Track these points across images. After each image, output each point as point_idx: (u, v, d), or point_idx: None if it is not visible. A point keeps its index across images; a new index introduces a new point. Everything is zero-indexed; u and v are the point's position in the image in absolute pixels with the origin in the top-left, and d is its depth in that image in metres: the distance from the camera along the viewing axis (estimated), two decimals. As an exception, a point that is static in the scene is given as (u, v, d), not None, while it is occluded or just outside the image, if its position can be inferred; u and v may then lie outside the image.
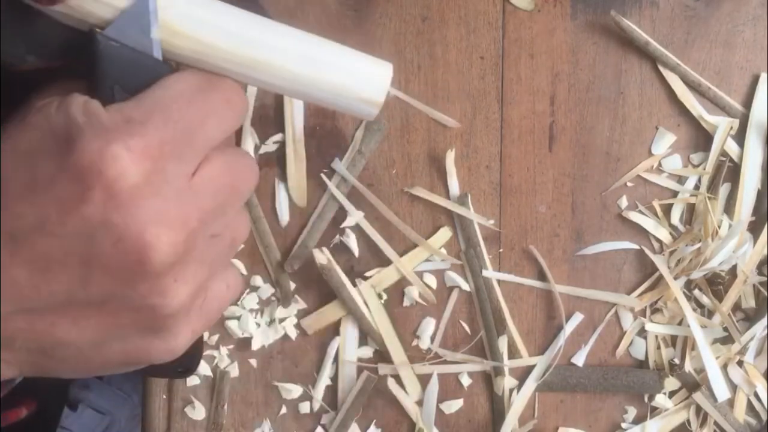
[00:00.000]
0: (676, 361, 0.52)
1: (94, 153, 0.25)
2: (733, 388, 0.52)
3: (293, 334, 0.51)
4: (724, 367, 0.52)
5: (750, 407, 0.52)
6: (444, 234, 0.51)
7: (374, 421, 0.52)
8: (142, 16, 0.27)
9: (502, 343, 0.51)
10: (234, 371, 0.51)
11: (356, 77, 0.31)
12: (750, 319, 0.52)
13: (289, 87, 0.31)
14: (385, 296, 0.51)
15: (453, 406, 0.52)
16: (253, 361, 0.52)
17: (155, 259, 0.26)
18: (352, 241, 0.51)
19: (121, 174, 0.25)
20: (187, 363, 0.32)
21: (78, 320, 0.27)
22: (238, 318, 0.51)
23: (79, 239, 0.26)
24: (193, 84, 0.28)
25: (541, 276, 0.52)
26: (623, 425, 0.52)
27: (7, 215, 0.26)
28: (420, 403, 0.51)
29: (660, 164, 0.52)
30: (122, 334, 0.28)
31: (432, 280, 0.52)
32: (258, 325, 0.52)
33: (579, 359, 0.52)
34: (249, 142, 0.51)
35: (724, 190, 0.52)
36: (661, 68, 0.51)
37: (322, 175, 0.51)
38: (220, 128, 0.29)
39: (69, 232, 0.26)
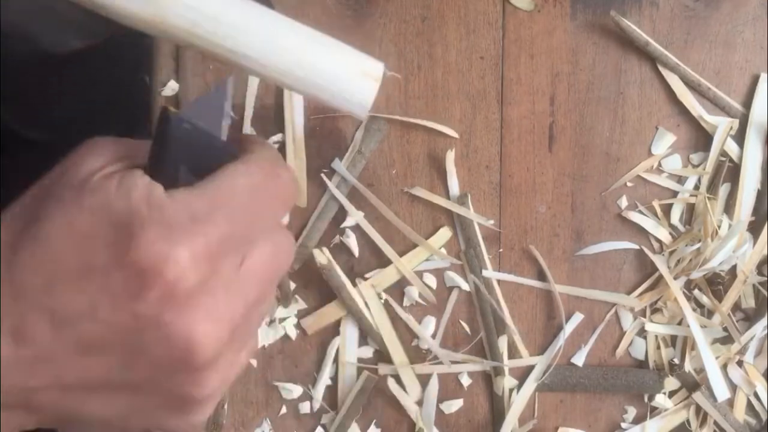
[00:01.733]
0: (676, 361, 0.52)
1: (157, 254, 0.25)
2: (733, 388, 0.52)
3: (293, 334, 0.51)
4: (724, 367, 0.52)
5: (750, 407, 0.52)
6: (444, 234, 0.51)
7: (374, 421, 0.52)
8: (219, 101, 0.27)
9: (502, 343, 0.51)
10: (234, 371, 0.51)
11: (345, 80, 0.31)
12: (750, 319, 0.52)
13: (276, 80, 0.31)
14: (385, 296, 0.51)
15: (453, 406, 0.52)
16: (253, 361, 0.52)
17: (200, 356, 0.26)
18: (352, 241, 0.51)
19: (180, 277, 0.25)
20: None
21: (110, 399, 0.28)
22: (238, 318, 0.51)
23: (127, 332, 0.26)
24: (258, 176, 0.28)
25: (541, 276, 0.52)
26: (623, 425, 0.52)
27: (57, 297, 0.25)
28: (420, 403, 0.51)
29: (660, 164, 0.52)
30: (150, 413, 0.29)
31: (432, 280, 0.52)
32: (258, 325, 0.52)
33: (579, 359, 0.52)
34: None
35: (723, 190, 0.52)
36: (660, 68, 0.51)
37: (322, 175, 0.51)
38: (272, 219, 0.29)
39: (117, 324, 0.25)
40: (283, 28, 0.30)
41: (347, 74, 0.31)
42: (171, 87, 0.50)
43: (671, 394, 0.52)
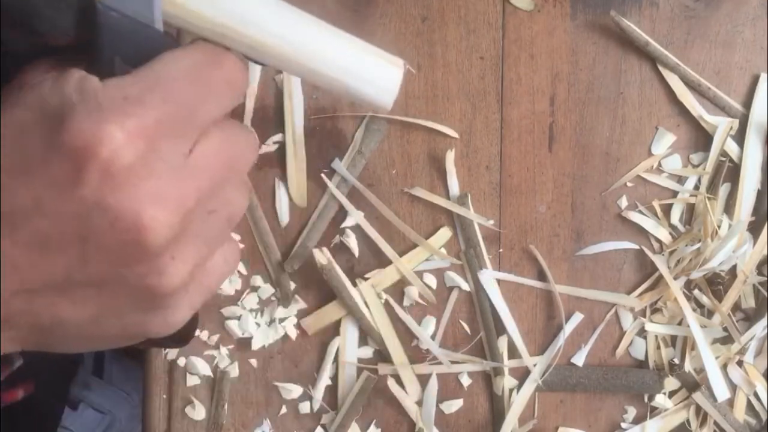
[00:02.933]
0: (676, 361, 0.52)
1: (87, 133, 0.24)
2: (733, 388, 0.52)
3: (293, 334, 0.51)
4: (724, 367, 0.52)
5: (750, 407, 0.52)
6: (444, 234, 0.51)
7: (374, 421, 0.52)
8: None
9: (502, 343, 0.51)
10: (234, 371, 0.51)
11: (365, 79, 0.31)
12: (750, 319, 0.52)
13: (296, 73, 0.31)
14: (385, 296, 0.51)
15: (453, 406, 0.52)
16: (253, 361, 0.52)
17: (152, 239, 0.26)
18: (352, 241, 0.51)
19: (115, 154, 0.25)
20: (182, 333, 0.31)
21: (77, 300, 0.27)
22: (238, 318, 0.51)
23: (76, 220, 0.25)
24: (196, 60, 0.28)
25: (541, 276, 0.52)
26: (623, 425, 0.52)
27: (4, 196, 0.25)
28: (420, 403, 0.51)
29: (660, 164, 0.52)
30: (121, 312, 0.28)
31: (432, 280, 0.52)
32: (258, 325, 0.52)
33: (579, 359, 0.52)
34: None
35: (723, 190, 0.52)
36: (660, 68, 0.51)
37: (322, 175, 0.51)
38: (220, 106, 0.28)
39: (65, 213, 0.25)
40: (306, 20, 0.30)
41: (373, 60, 0.31)
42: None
43: (671, 394, 0.52)
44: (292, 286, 0.51)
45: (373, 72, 0.31)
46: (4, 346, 0.28)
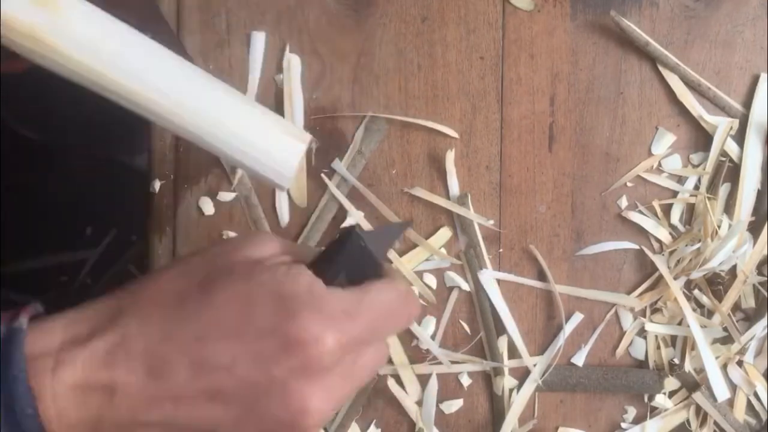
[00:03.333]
0: (676, 361, 0.52)
1: (312, 332, 0.29)
2: (733, 388, 0.52)
3: (293, 334, 0.51)
4: (724, 367, 0.52)
5: (750, 407, 0.52)
6: (444, 234, 0.51)
7: (374, 421, 0.52)
8: (394, 237, 0.33)
9: (502, 343, 0.51)
10: (234, 371, 0.51)
11: (269, 137, 0.31)
12: (750, 319, 0.52)
13: (190, 139, 0.31)
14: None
15: (453, 406, 0.52)
16: (253, 361, 0.52)
17: (307, 423, 0.30)
18: (352, 241, 0.51)
19: (319, 357, 0.29)
20: None
21: None
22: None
23: (255, 389, 0.29)
24: (398, 297, 0.33)
25: (541, 276, 0.52)
26: (623, 425, 0.52)
27: (205, 348, 0.29)
28: (420, 403, 0.51)
29: (660, 164, 0.52)
30: None
31: (432, 280, 0.52)
32: (258, 325, 0.51)
33: (579, 359, 0.52)
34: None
35: (723, 190, 0.52)
36: (660, 68, 0.51)
37: (322, 175, 0.51)
38: (393, 333, 0.36)
39: (251, 380, 0.29)
40: (207, 84, 0.30)
41: (272, 131, 0.31)
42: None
43: (671, 394, 0.52)
44: (292, 286, 0.51)
45: (270, 146, 0.31)
46: None
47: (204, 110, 0.30)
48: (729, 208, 0.52)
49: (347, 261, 0.32)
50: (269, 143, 0.31)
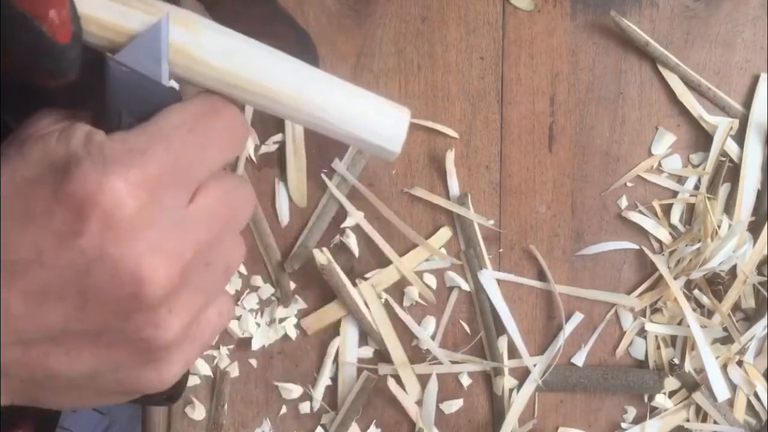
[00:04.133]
0: (676, 361, 0.52)
1: (91, 184, 0.25)
2: (733, 388, 0.52)
3: (293, 334, 0.51)
4: (724, 367, 0.52)
5: (750, 407, 0.52)
6: (444, 234, 0.51)
7: (374, 421, 0.52)
8: (154, 43, 0.28)
9: (502, 343, 0.51)
10: (234, 371, 0.51)
11: (373, 130, 0.31)
12: (750, 319, 0.52)
13: (303, 123, 0.31)
14: (385, 296, 0.51)
15: (453, 406, 0.52)
16: (253, 361, 0.52)
17: (150, 291, 0.26)
18: (352, 241, 0.51)
19: (117, 206, 0.25)
20: (173, 390, 0.32)
21: (72, 351, 0.27)
22: (238, 318, 0.51)
23: (75, 271, 0.25)
24: (196, 112, 0.28)
25: (541, 276, 0.52)
26: (623, 425, 0.52)
27: (4, 246, 0.25)
28: (420, 403, 0.51)
29: (660, 164, 0.52)
30: (115, 366, 0.28)
31: (432, 280, 0.52)
32: (258, 325, 0.52)
33: (579, 359, 0.52)
34: (249, 142, 0.51)
35: (723, 190, 0.52)
36: (660, 68, 0.51)
37: (322, 175, 0.51)
38: (220, 157, 0.29)
39: (65, 264, 0.25)
40: (310, 71, 0.30)
41: (380, 108, 0.32)
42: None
43: (671, 394, 0.52)
44: (292, 286, 0.51)
45: (381, 120, 0.31)
46: None
47: (323, 98, 0.30)
48: (729, 208, 0.52)
49: (120, 96, 0.27)
50: (381, 119, 0.32)
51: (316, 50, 0.33)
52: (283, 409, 0.52)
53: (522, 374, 0.52)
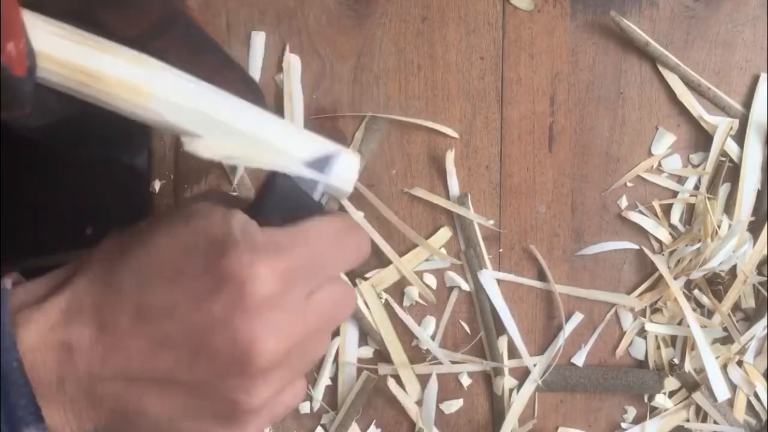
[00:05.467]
0: (676, 361, 0.52)
1: (243, 265, 0.29)
2: (733, 388, 0.52)
3: (293, 334, 0.51)
4: (724, 367, 0.52)
5: (750, 407, 0.52)
6: (444, 234, 0.51)
7: (374, 421, 0.52)
8: (323, 169, 0.32)
9: (502, 343, 0.51)
10: (234, 371, 0.51)
11: (329, 172, 0.34)
12: (750, 319, 0.52)
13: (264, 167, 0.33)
14: (385, 296, 0.51)
15: (453, 406, 0.52)
16: (253, 361, 0.52)
17: (257, 361, 0.29)
18: (352, 241, 0.51)
19: (256, 287, 0.29)
20: None
21: (168, 396, 0.30)
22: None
23: (199, 330, 0.29)
24: (336, 227, 0.32)
25: (541, 276, 0.52)
26: (623, 425, 0.52)
27: (147, 295, 0.29)
28: (420, 403, 0.51)
29: (660, 164, 0.52)
30: (199, 417, 0.31)
31: (432, 280, 0.52)
32: (258, 325, 0.51)
33: (579, 359, 0.52)
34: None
35: (723, 190, 0.52)
36: (660, 68, 0.51)
37: (322, 175, 0.51)
38: (344, 266, 0.33)
39: (192, 322, 0.29)
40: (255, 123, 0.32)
41: (331, 148, 0.34)
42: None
43: (671, 394, 0.52)
44: (292, 286, 0.51)
45: (335, 162, 0.34)
46: (82, 423, 0.30)
47: (275, 148, 0.33)
48: (729, 208, 0.52)
49: (279, 201, 0.32)
50: (335, 160, 0.34)
51: (263, 96, 0.35)
52: (283, 409, 0.52)
53: (522, 374, 0.52)
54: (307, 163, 0.32)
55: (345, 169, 0.34)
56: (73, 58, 0.29)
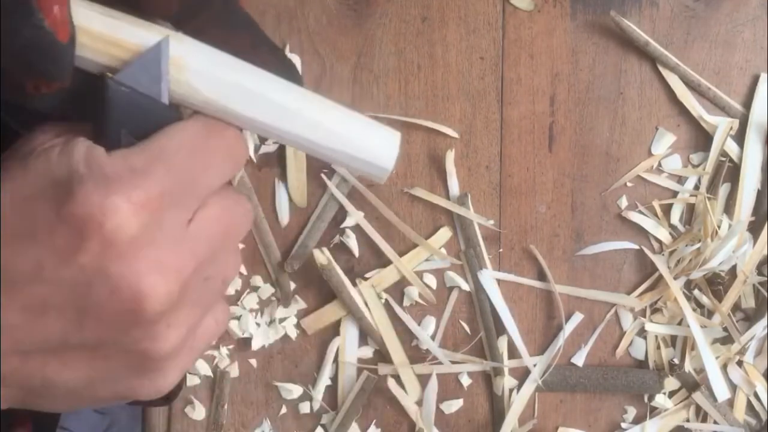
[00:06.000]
0: (676, 361, 0.52)
1: (94, 204, 0.25)
2: (733, 388, 0.52)
3: (293, 334, 0.51)
4: (724, 367, 0.52)
5: (750, 407, 0.52)
6: (444, 234, 0.51)
7: (374, 421, 0.52)
8: (155, 64, 0.28)
9: (502, 343, 0.51)
10: (234, 371, 0.51)
11: (365, 150, 0.31)
12: (750, 319, 0.52)
13: (302, 148, 0.31)
14: (385, 296, 0.51)
15: (453, 406, 0.52)
16: (253, 361, 0.52)
17: (150, 307, 0.26)
18: (352, 241, 0.51)
19: (119, 226, 0.25)
20: (169, 392, 0.32)
21: (69, 362, 0.28)
22: (238, 318, 0.51)
23: (75, 287, 0.26)
24: (197, 132, 0.29)
25: (541, 276, 0.52)
26: (623, 425, 0.52)
27: (4, 260, 0.26)
28: (420, 403, 0.51)
29: (660, 164, 0.52)
30: (113, 376, 0.29)
31: (432, 280, 0.52)
32: (258, 325, 0.52)
33: (579, 359, 0.52)
34: (249, 142, 0.51)
35: (723, 190, 0.52)
36: (660, 68, 0.51)
37: (322, 175, 0.51)
38: (220, 175, 0.29)
39: (65, 280, 0.26)
40: (302, 95, 0.31)
41: (372, 130, 0.32)
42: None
43: (671, 394, 0.52)
44: (292, 286, 0.51)
45: (373, 139, 0.32)
46: None
47: (314, 122, 0.31)
48: (729, 208, 0.52)
49: (121, 115, 0.27)
50: (374, 137, 0.32)
51: (300, 76, 0.33)
52: (283, 409, 0.52)
53: (522, 374, 0.52)
54: (132, 62, 0.28)
55: (384, 145, 0.31)
56: (107, 31, 0.27)
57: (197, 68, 0.29)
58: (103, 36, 0.27)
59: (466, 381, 0.52)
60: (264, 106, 0.30)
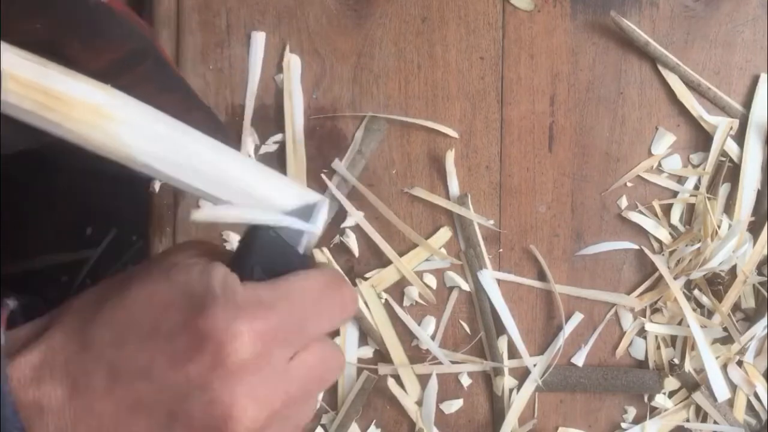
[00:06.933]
0: (676, 361, 0.52)
1: (220, 323, 0.27)
2: (733, 388, 0.52)
3: (293, 334, 0.51)
4: (724, 367, 0.52)
5: (750, 407, 0.52)
6: (444, 234, 0.51)
7: (374, 421, 0.52)
8: (305, 219, 0.31)
9: (502, 343, 0.51)
10: (234, 371, 0.51)
11: (295, 213, 0.32)
12: (750, 319, 0.52)
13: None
14: (385, 296, 0.51)
15: (453, 406, 0.52)
16: (253, 361, 0.52)
17: (236, 429, 0.28)
18: (352, 241, 0.51)
19: (236, 349, 0.27)
20: None
21: None
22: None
23: (175, 393, 0.28)
24: (321, 282, 0.31)
25: (541, 276, 0.52)
26: (623, 425, 0.52)
27: (122, 353, 0.28)
28: (420, 403, 0.51)
29: (660, 164, 0.52)
30: None
31: (432, 280, 0.52)
32: (258, 325, 0.51)
33: (579, 359, 0.52)
34: (249, 142, 0.51)
35: (723, 190, 0.52)
36: (660, 68, 0.51)
37: (322, 175, 0.51)
38: (329, 325, 0.32)
39: (169, 384, 0.27)
40: (225, 166, 0.31)
41: (301, 192, 0.32)
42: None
43: (671, 394, 0.52)
44: (292, 286, 0.51)
45: (303, 201, 0.32)
46: None
47: (237, 185, 0.32)
48: (729, 208, 0.52)
49: (261, 253, 0.30)
50: (316, 213, 0.33)
51: (232, 140, 0.34)
52: (283, 409, 0.52)
53: (522, 374, 0.52)
54: (290, 212, 0.31)
55: (324, 217, 0.32)
56: (35, 78, 0.28)
57: (124, 118, 0.29)
58: (31, 84, 0.28)
59: (466, 381, 0.52)
60: (191, 165, 0.31)
